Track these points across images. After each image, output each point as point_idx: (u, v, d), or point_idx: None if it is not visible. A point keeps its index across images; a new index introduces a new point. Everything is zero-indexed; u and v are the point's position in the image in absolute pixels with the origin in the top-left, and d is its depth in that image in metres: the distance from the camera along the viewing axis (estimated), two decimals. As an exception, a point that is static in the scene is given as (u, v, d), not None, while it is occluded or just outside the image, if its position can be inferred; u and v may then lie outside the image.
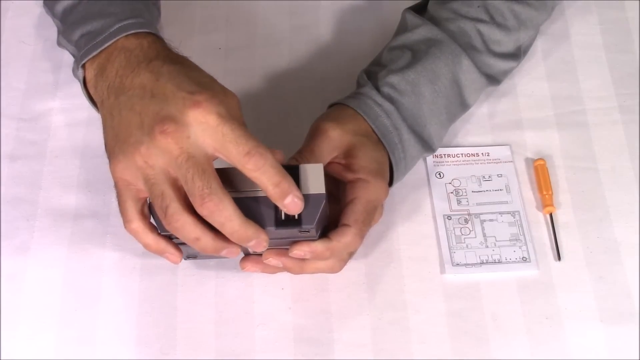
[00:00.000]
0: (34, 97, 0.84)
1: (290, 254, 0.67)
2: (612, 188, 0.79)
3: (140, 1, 0.75)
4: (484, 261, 0.75)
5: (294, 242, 0.66)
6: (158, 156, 0.61)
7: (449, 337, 0.71)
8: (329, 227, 0.68)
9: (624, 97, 0.84)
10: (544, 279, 0.74)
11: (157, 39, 0.68)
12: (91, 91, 0.70)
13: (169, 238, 0.66)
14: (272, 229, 0.63)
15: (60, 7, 0.76)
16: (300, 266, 0.69)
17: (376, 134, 0.72)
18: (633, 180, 0.79)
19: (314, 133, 0.71)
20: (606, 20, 0.90)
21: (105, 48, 0.68)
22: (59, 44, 0.77)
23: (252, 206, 0.63)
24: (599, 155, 0.81)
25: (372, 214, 0.70)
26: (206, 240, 0.62)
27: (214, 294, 0.73)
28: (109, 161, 0.64)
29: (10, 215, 0.77)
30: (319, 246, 0.66)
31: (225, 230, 0.61)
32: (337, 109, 0.74)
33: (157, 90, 0.62)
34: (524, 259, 0.75)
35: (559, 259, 0.75)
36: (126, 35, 0.68)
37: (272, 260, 0.68)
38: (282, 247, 0.68)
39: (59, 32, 0.77)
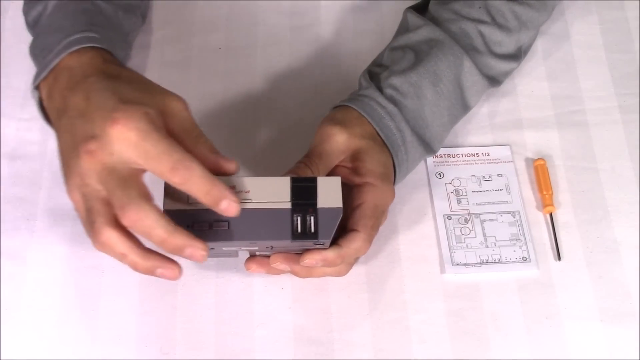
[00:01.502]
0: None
1: (301, 263, 0.67)
2: (612, 188, 0.79)
3: (108, 7, 0.75)
4: (484, 261, 0.75)
5: (305, 251, 0.66)
6: (89, 174, 0.60)
7: (449, 337, 0.71)
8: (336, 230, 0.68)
9: (624, 97, 0.84)
10: (544, 278, 0.74)
11: (99, 52, 0.67)
12: (48, 112, 0.69)
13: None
14: (288, 241, 0.63)
15: (30, 17, 0.77)
16: (308, 271, 0.69)
17: (380, 137, 0.72)
18: (633, 180, 0.79)
19: (321, 137, 0.71)
20: (606, 20, 0.90)
21: (52, 68, 0.67)
22: (30, 54, 0.76)
23: (267, 218, 0.63)
24: (599, 155, 0.81)
25: (380, 218, 0.70)
26: (133, 256, 0.60)
27: (214, 294, 0.73)
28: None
29: (10, 215, 0.77)
30: (331, 254, 0.66)
31: (153, 240, 0.60)
32: (341, 111, 0.73)
33: (86, 110, 0.61)
34: (524, 258, 0.75)
35: (559, 258, 0.75)
36: (70, 53, 0.67)
37: (280, 265, 0.68)
38: (289, 251, 0.68)
39: (30, 43, 0.76)
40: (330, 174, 0.71)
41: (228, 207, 0.60)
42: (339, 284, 0.73)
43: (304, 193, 0.63)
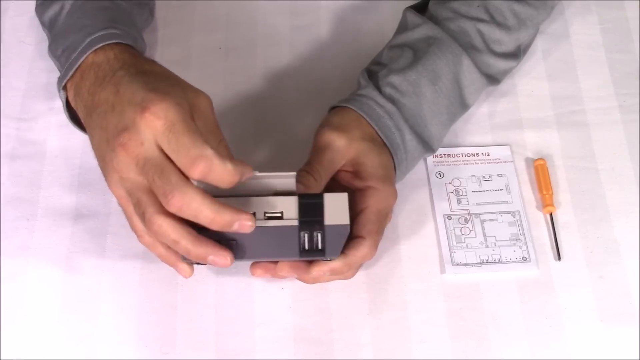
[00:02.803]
0: (34, 97, 0.84)
1: (309, 275, 0.67)
2: (612, 188, 0.79)
3: (124, 3, 0.75)
4: (484, 261, 0.75)
5: (312, 262, 0.66)
6: (126, 168, 0.60)
7: (449, 337, 0.71)
8: None
9: (623, 97, 0.84)
10: (544, 278, 0.74)
11: (125, 48, 0.68)
12: (76, 111, 0.70)
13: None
14: (295, 258, 0.63)
15: (46, 17, 0.77)
16: (314, 278, 0.69)
17: (380, 136, 0.72)
18: (633, 180, 0.79)
19: (321, 145, 0.71)
20: (606, 20, 0.90)
21: (78, 67, 0.68)
22: (50, 55, 0.76)
23: (274, 236, 0.63)
24: (599, 155, 0.81)
25: (384, 221, 0.70)
26: (185, 243, 0.61)
27: (214, 294, 0.73)
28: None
29: (10, 215, 0.77)
30: (338, 264, 0.66)
31: (202, 222, 0.60)
32: (339, 113, 0.73)
33: (117, 103, 0.62)
34: (524, 258, 0.75)
35: (559, 258, 0.75)
36: (95, 50, 0.67)
37: (287, 273, 0.68)
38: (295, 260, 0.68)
39: (49, 44, 0.76)
40: (332, 179, 0.71)
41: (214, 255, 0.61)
42: (339, 284, 0.73)
43: (311, 210, 0.63)
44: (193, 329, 0.71)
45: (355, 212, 0.69)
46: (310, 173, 0.69)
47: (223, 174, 0.59)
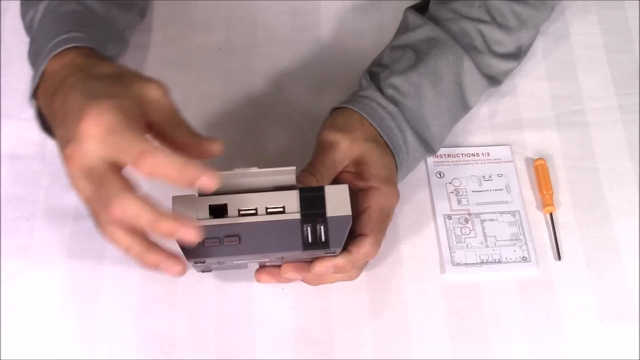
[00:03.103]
0: (34, 97, 0.84)
1: (312, 271, 0.67)
2: (612, 188, 0.79)
3: (98, 5, 0.74)
4: (484, 261, 0.75)
5: (316, 259, 0.66)
6: (77, 180, 0.60)
7: (449, 337, 0.71)
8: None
9: (624, 97, 0.84)
10: (544, 278, 0.74)
11: (81, 51, 0.67)
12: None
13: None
14: (299, 252, 0.63)
15: (26, 21, 0.77)
16: (319, 278, 0.69)
17: (382, 138, 0.72)
18: (633, 180, 0.79)
19: (324, 145, 0.71)
20: (606, 20, 0.90)
21: (42, 75, 0.67)
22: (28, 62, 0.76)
23: (277, 231, 0.63)
24: (599, 155, 0.81)
25: (386, 220, 0.70)
26: (137, 248, 0.60)
27: (214, 294, 0.73)
28: None
29: (10, 215, 0.77)
30: (341, 261, 0.66)
31: (145, 227, 0.59)
32: (342, 115, 0.73)
33: (64, 114, 0.61)
34: (524, 258, 0.75)
35: (559, 258, 0.75)
36: (54, 56, 0.67)
37: (291, 275, 0.68)
38: (300, 260, 0.68)
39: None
40: (335, 180, 0.71)
41: (209, 181, 0.58)
42: (339, 284, 0.73)
43: (312, 203, 0.63)
44: (193, 329, 0.71)
45: (357, 211, 0.69)
46: (313, 174, 0.69)
47: (171, 166, 0.57)
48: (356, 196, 0.70)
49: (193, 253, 0.62)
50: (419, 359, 0.70)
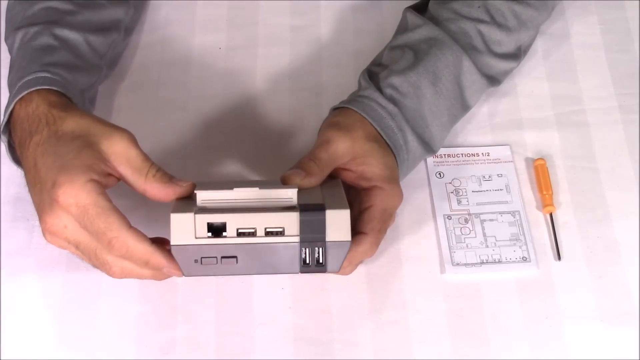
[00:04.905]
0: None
1: None
2: (612, 188, 0.79)
3: (77, 32, 0.75)
4: (484, 261, 0.75)
5: None
6: (62, 245, 0.66)
7: (449, 337, 0.71)
8: None
9: (623, 97, 0.84)
10: (544, 278, 0.74)
11: (44, 98, 0.68)
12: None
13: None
14: (296, 272, 0.64)
15: (7, 45, 0.78)
16: None
17: (383, 137, 0.72)
18: (633, 180, 0.79)
19: (324, 144, 0.70)
20: (606, 20, 0.90)
21: (10, 117, 0.69)
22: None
23: (275, 253, 0.63)
24: (599, 155, 0.81)
25: (388, 221, 0.70)
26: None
27: (214, 294, 0.73)
28: None
29: (10, 215, 0.77)
30: None
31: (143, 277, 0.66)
32: (342, 114, 0.73)
33: (36, 180, 0.65)
34: (524, 258, 0.75)
35: (559, 258, 0.75)
36: (20, 101, 0.68)
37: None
38: None
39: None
40: (337, 180, 0.71)
41: (169, 273, 0.65)
42: (339, 284, 0.73)
43: (312, 226, 0.63)
44: (193, 329, 0.71)
45: (360, 210, 0.69)
46: (312, 159, 0.69)
47: (141, 253, 0.63)
48: (359, 194, 0.70)
49: (190, 270, 0.64)
50: (419, 359, 0.70)
